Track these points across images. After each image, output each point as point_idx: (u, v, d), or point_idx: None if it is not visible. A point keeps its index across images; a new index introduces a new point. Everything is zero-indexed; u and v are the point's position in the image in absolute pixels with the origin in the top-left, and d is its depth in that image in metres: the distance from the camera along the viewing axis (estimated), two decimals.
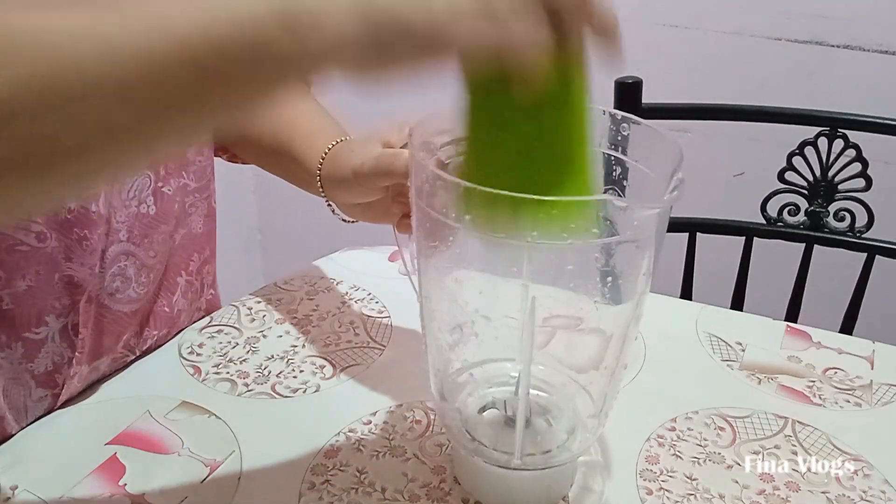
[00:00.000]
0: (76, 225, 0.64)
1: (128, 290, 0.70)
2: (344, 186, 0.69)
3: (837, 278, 1.07)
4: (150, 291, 0.73)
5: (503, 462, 0.55)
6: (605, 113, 0.56)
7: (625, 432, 0.65)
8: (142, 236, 0.70)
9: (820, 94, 1.29)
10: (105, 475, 0.60)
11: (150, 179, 0.70)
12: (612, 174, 0.56)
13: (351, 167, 0.66)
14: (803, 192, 1.02)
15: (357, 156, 0.67)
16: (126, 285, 0.70)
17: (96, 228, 0.65)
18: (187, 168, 0.74)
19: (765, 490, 0.60)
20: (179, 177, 0.73)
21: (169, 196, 0.72)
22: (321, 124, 0.78)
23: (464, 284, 0.54)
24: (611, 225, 0.48)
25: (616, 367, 0.55)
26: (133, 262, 0.70)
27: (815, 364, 0.75)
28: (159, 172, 0.71)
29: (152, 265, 0.72)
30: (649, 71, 1.07)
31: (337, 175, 0.69)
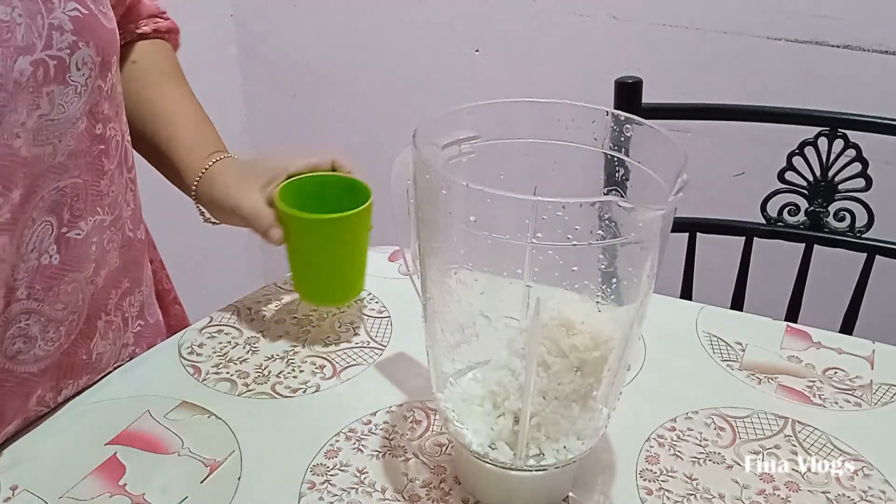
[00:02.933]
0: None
1: (33, 349, 0.64)
2: (215, 207, 0.77)
3: (837, 278, 1.07)
4: (64, 344, 0.67)
5: (504, 462, 0.55)
6: (608, 114, 0.56)
7: (625, 432, 0.65)
8: (45, 290, 0.63)
9: (820, 94, 1.29)
10: (105, 475, 0.60)
11: (52, 226, 0.63)
12: (615, 175, 0.56)
13: (227, 202, 0.75)
14: (803, 192, 1.02)
15: (234, 194, 0.74)
16: (30, 345, 0.64)
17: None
18: (101, 203, 0.67)
19: (765, 490, 0.60)
20: (94, 214, 0.66)
21: (78, 240, 0.65)
22: (201, 134, 0.81)
23: (466, 285, 0.54)
24: (615, 226, 0.48)
25: (619, 368, 0.55)
26: (37, 319, 0.63)
27: (815, 364, 0.75)
28: (62, 216, 0.63)
29: (62, 318, 0.66)
30: (649, 71, 1.07)
31: (210, 197, 0.76)
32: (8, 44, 0.55)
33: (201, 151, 0.78)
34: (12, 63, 0.55)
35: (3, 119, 0.55)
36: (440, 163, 0.55)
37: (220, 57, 1.75)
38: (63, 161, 0.62)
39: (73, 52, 0.60)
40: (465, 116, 0.57)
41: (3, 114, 0.55)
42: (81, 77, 0.61)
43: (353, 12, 1.63)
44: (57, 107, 0.60)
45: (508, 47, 1.52)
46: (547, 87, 1.49)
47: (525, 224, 0.48)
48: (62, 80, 0.59)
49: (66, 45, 0.59)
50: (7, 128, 0.56)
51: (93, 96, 0.63)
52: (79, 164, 0.63)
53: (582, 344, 0.52)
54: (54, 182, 0.62)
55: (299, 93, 1.77)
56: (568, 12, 1.44)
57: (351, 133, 1.74)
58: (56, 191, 0.62)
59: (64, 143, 0.61)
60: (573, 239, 0.48)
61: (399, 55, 1.62)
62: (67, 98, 0.60)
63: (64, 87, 0.60)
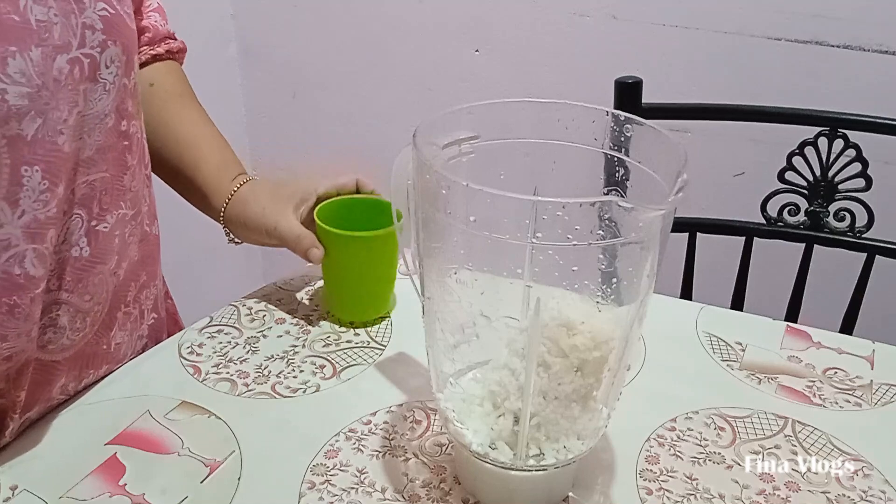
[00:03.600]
0: (2, 295, 0.59)
1: (61, 339, 0.66)
2: (248, 229, 0.80)
3: (837, 278, 1.07)
4: (88, 335, 0.69)
5: (504, 462, 0.55)
6: (608, 114, 0.56)
7: (625, 432, 0.65)
8: (75, 281, 0.65)
9: (820, 94, 1.29)
10: (105, 475, 0.60)
11: (83, 219, 0.64)
12: (615, 175, 0.56)
13: (264, 224, 0.78)
14: (803, 192, 1.02)
15: (270, 216, 0.78)
16: (59, 335, 0.65)
17: (27, 292, 0.60)
18: (124, 197, 0.69)
19: (765, 490, 0.60)
20: (117, 209, 0.68)
21: (105, 233, 0.67)
22: (224, 158, 0.84)
23: (466, 285, 0.54)
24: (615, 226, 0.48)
25: (619, 368, 0.55)
26: (66, 310, 0.65)
27: (815, 364, 0.75)
28: (92, 210, 0.65)
29: (88, 309, 0.67)
30: (649, 71, 1.07)
31: (243, 219, 0.79)
32: (47, 43, 0.57)
33: (226, 175, 0.82)
34: (52, 62, 0.57)
35: (48, 116, 0.58)
36: (440, 163, 0.55)
37: (220, 57, 1.75)
38: (91, 155, 0.64)
39: (103, 51, 0.62)
40: (465, 116, 0.57)
41: (47, 111, 0.57)
42: (110, 75, 0.63)
43: (353, 12, 1.63)
44: (89, 103, 0.62)
45: (508, 47, 1.52)
46: (547, 87, 1.49)
47: (525, 224, 0.48)
48: (94, 77, 0.62)
49: (97, 44, 0.61)
50: (51, 125, 0.58)
51: (119, 94, 0.65)
52: (106, 159, 0.66)
53: (582, 344, 0.52)
54: (84, 176, 0.64)
55: (299, 93, 1.77)
56: (568, 12, 1.44)
57: (351, 133, 1.74)
58: (86, 184, 0.64)
59: (93, 138, 0.63)
60: (573, 239, 0.48)
61: (399, 55, 1.62)
62: (97, 95, 0.62)
63: (95, 84, 0.62)
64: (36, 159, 0.58)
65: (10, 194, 0.57)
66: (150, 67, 0.84)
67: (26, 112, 0.56)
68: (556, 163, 0.59)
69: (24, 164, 0.57)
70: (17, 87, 0.55)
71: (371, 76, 1.67)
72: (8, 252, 0.58)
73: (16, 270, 0.59)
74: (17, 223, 0.58)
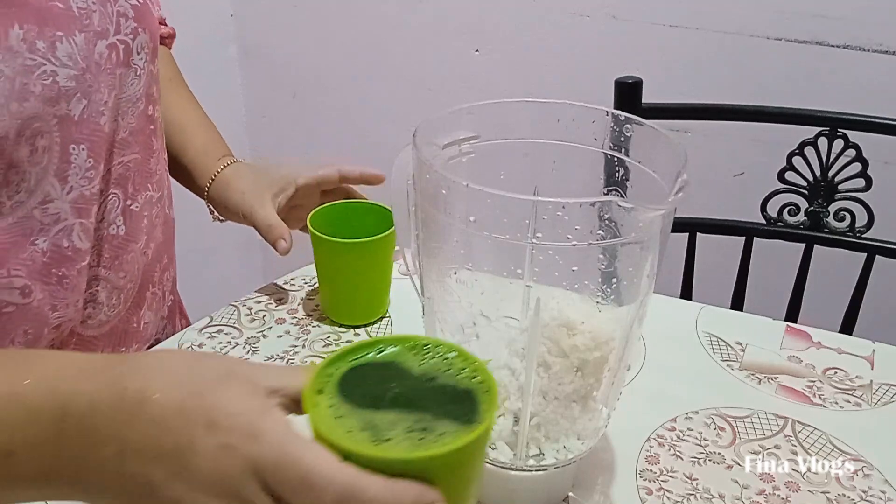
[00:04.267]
0: (52, 266, 0.63)
1: (99, 315, 0.69)
2: (227, 210, 0.81)
3: (837, 278, 1.07)
4: (122, 312, 0.72)
5: (504, 462, 0.55)
6: (608, 114, 0.56)
7: (625, 432, 0.65)
8: (112, 259, 0.69)
9: (820, 94, 1.29)
10: None
11: (119, 199, 0.68)
12: (615, 175, 0.56)
13: (242, 208, 0.79)
14: (803, 192, 1.02)
15: (248, 201, 0.79)
16: (98, 311, 0.69)
17: (74, 264, 0.64)
18: (151, 179, 0.72)
19: (765, 490, 0.60)
20: (145, 190, 0.71)
21: (137, 213, 0.70)
22: (209, 140, 0.86)
23: (466, 285, 0.54)
24: (615, 226, 0.48)
25: (619, 368, 0.55)
26: (104, 286, 0.69)
27: (815, 364, 0.75)
28: (127, 189, 0.69)
29: (122, 286, 0.71)
30: (649, 71, 1.07)
31: (224, 201, 0.81)
32: (88, 29, 0.61)
33: (211, 155, 0.84)
34: (93, 46, 0.61)
35: (91, 98, 0.61)
36: (440, 163, 0.55)
37: (220, 57, 1.75)
38: (125, 137, 0.67)
39: (135, 38, 0.65)
40: (465, 116, 0.57)
41: (91, 93, 0.61)
42: (141, 61, 0.67)
43: (353, 12, 1.63)
44: (124, 87, 0.65)
45: (508, 47, 1.52)
46: (547, 87, 1.49)
47: (525, 224, 0.48)
48: (128, 63, 0.65)
49: (130, 31, 0.65)
50: (94, 106, 0.62)
51: (147, 79, 0.69)
52: (138, 141, 0.69)
53: (583, 344, 0.52)
54: (120, 157, 0.67)
55: (299, 93, 1.77)
56: (568, 12, 1.44)
57: (351, 133, 1.74)
58: (121, 165, 0.67)
59: (126, 121, 0.67)
60: (573, 239, 0.48)
61: (399, 55, 1.62)
62: (130, 80, 0.66)
63: (128, 69, 0.66)
64: (82, 138, 0.61)
65: (60, 171, 0.61)
66: None
67: (74, 93, 0.60)
68: (556, 163, 0.59)
69: (72, 143, 0.61)
70: (66, 70, 0.58)
71: (371, 76, 1.67)
72: (58, 225, 0.62)
73: (64, 243, 0.63)
74: (66, 199, 0.62)
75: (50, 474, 0.39)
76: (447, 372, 0.39)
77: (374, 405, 0.37)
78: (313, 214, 0.77)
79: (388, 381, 0.38)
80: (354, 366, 0.39)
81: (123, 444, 0.37)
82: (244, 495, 0.36)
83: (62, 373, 0.40)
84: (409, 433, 0.36)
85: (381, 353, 0.40)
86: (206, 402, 0.37)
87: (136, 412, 0.37)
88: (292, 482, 0.34)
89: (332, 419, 0.36)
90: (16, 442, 0.39)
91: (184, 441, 0.36)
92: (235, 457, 0.36)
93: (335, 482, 0.34)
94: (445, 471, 0.35)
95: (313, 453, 0.35)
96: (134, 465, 0.37)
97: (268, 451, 0.35)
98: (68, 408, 0.39)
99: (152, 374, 0.39)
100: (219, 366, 0.40)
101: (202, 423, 0.36)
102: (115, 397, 0.38)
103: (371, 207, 0.79)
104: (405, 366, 0.39)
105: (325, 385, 0.38)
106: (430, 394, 0.38)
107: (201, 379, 0.38)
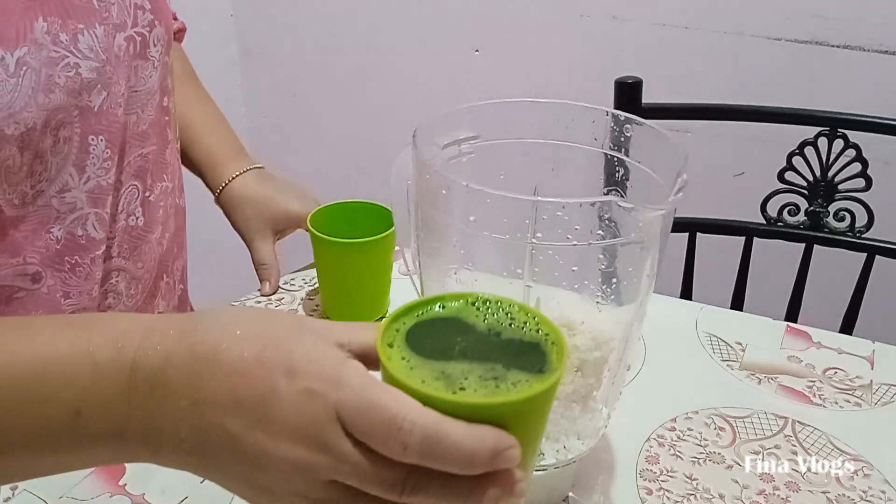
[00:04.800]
0: (66, 254, 0.63)
1: (118, 305, 0.70)
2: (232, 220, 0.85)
3: (837, 278, 1.07)
4: (139, 301, 0.73)
5: None
6: (608, 114, 0.56)
7: (625, 432, 0.65)
8: (131, 249, 0.70)
9: (820, 94, 1.29)
10: (105, 475, 0.60)
11: (139, 190, 0.69)
12: (615, 175, 0.56)
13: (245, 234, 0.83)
14: (803, 192, 1.02)
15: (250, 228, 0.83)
16: (118, 301, 0.70)
17: (88, 252, 0.65)
18: (166, 170, 0.73)
19: (765, 490, 0.60)
20: (161, 181, 0.72)
21: (154, 203, 0.71)
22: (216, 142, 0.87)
23: (466, 285, 0.54)
24: (615, 226, 0.48)
25: (619, 368, 0.55)
26: (124, 276, 0.70)
27: (815, 364, 0.75)
28: (146, 181, 0.70)
29: (140, 276, 0.72)
30: (649, 71, 1.07)
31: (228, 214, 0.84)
32: (108, 21, 0.61)
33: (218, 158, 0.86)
34: (112, 39, 0.62)
35: (111, 90, 0.62)
36: (440, 163, 0.55)
37: (220, 57, 1.75)
38: (145, 129, 0.68)
39: (152, 30, 0.66)
40: (465, 116, 0.57)
41: (110, 85, 0.62)
42: (157, 53, 0.67)
43: (352, 12, 1.63)
44: (140, 80, 0.66)
45: (508, 47, 1.52)
46: (547, 87, 1.49)
47: (525, 224, 0.48)
48: (144, 55, 0.66)
49: (146, 23, 0.66)
50: (113, 98, 0.63)
51: (163, 71, 0.69)
52: (155, 133, 0.70)
53: (583, 344, 0.52)
54: (139, 149, 0.68)
55: (299, 93, 1.77)
56: (568, 12, 1.44)
57: (351, 133, 1.74)
58: (140, 157, 0.68)
59: (146, 113, 0.68)
60: (573, 239, 0.48)
61: (399, 55, 1.62)
62: (147, 72, 0.67)
63: (146, 61, 0.66)
64: (101, 129, 0.62)
65: (79, 161, 0.62)
66: None
67: (94, 85, 0.60)
68: (556, 163, 0.59)
69: (91, 134, 0.62)
70: (88, 62, 0.59)
71: (371, 76, 1.67)
72: (73, 214, 0.63)
73: (79, 232, 0.64)
74: (83, 188, 0.63)
75: (121, 433, 0.38)
76: (511, 326, 0.39)
77: (444, 357, 0.37)
78: (313, 214, 0.77)
79: (454, 335, 0.39)
80: (420, 321, 0.40)
81: (199, 396, 0.37)
82: (327, 441, 0.35)
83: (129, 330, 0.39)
84: (483, 382, 0.36)
85: (444, 309, 0.40)
86: (284, 350, 0.37)
87: (210, 364, 0.37)
88: (377, 427, 0.35)
89: (406, 369, 0.36)
90: (85, 400, 0.38)
91: (264, 389, 0.36)
92: (318, 402, 0.35)
93: (419, 425, 0.34)
94: (520, 418, 0.36)
95: (397, 398, 0.35)
96: (211, 416, 0.37)
97: (351, 396, 0.35)
98: (137, 364, 0.38)
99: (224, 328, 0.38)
100: (288, 318, 0.40)
101: (282, 371, 0.36)
102: (187, 351, 0.38)
103: (371, 207, 0.79)
104: (469, 321, 0.40)
105: (394, 339, 0.38)
106: (498, 346, 0.38)
107: (275, 330, 0.38)
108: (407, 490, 0.35)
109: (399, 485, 0.35)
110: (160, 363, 0.38)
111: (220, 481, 0.39)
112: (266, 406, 0.36)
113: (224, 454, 0.37)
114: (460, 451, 0.34)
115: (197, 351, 0.38)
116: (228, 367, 0.37)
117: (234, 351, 0.37)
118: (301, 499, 0.37)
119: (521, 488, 0.36)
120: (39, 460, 0.40)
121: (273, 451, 0.36)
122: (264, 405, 0.36)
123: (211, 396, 0.37)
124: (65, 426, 0.38)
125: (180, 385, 0.37)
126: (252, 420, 0.36)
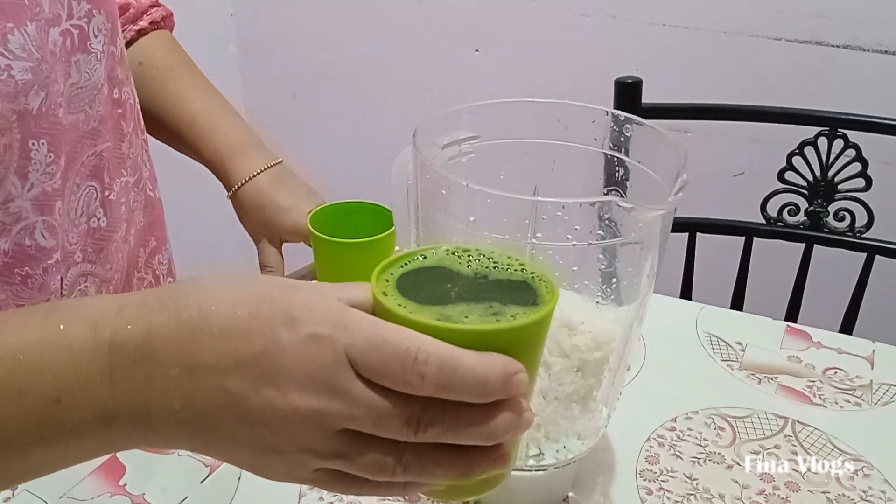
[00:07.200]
0: (15, 266, 0.60)
1: None
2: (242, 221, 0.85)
3: (837, 278, 1.07)
4: None
5: None
6: (608, 114, 0.56)
7: (625, 432, 0.65)
8: (97, 252, 0.67)
9: (820, 94, 1.29)
10: (105, 475, 0.60)
11: (97, 190, 0.66)
12: (615, 175, 0.56)
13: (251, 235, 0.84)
14: (803, 192, 1.02)
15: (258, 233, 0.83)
16: None
17: (39, 262, 0.61)
18: (124, 164, 0.70)
19: (765, 490, 0.60)
20: (119, 176, 0.69)
21: (114, 202, 0.68)
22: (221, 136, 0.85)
23: None
24: (615, 226, 0.48)
25: (619, 368, 0.55)
26: (93, 280, 0.67)
27: (815, 364, 0.75)
28: (104, 180, 0.67)
29: (110, 277, 0.69)
30: (649, 71, 1.07)
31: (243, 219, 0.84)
32: (39, 17, 0.58)
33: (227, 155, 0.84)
34: (46, 35, 0.58)
35: (49, 89, 0.59)
36: (440, 163, 0.55)
37: (220, 57, 1.75)
38: (96, 127, 0.65)
39: (90, 20, 0.63)
40: (465, 116, 0.57)
41: (48, 84, 0.58)
42: (99, 44, 0.64)
43: (353, 12, 1.63)
44: (83, 74, 0.63)
45: (508, 47, 1.52)
46: (547, 87, 1.49)
47: (525, 224, 0.48)
48: (85, 48, 0.62)
49: (83, 14, 0.62)
50: (52, 98, 0.59)
51: (109, 62, 0.66)
52: (107, 129, 0.67)
53: (584, 344, 0.52)
54: (91, 148, 0.65)
55: (299, 93, 1.77)
56: (568, 12, 1.44)
57: (351, 133, 1.74)
58: (95, 156, 0.66)
59: (94, 109, 0.65)
60: (573, 239, 0.48)
61: (399, 55, 1.62)
62: (91, 65, 0.63)
63: (87, 54, 0.63)
64: (42, 132, 0.59)
65: (21, 168, 0.58)
66: (137, 45, 0.83)
67: (31, 86, 0.57)
68: (556, 163, 0.59)
69: (31, 138, 0.58)
70: (21, 63, 0.56)
71: (371, 76, 1.67)
72: (19, 224, 0.60)
73: (27, 242, 0.60)
74: (26, 196, 0.59)
75: (108, 416, 0.36)
76: (496, 268, 0.41)
77: (441, 301, 0.38)
78: (313, 214, 0.77)
79: (443, 281, 0.40)
80: (406, 271, 0.40)
81: (190, 362, 0.35)
82: (339, 385, 0.35)
83: (103, 309, 0.37)
84: (484, 319, 0.37)
85: (427, 259, 0.41)
86: (281, 304, 0.36)
87: (200, 328, 0.35)
88: (392, 361, 0.34)
89: (407, 314, 0.37)
90: (63, 386, 0.36)
91: (265, 343, 0.35)
92: (326, 345, 0.35)
93: (434, 354, 0.34)
94: (522, 346, 0.37)
95: (407, 333, 0.35)
96: (208, 380, 0.35)
97: (360, 337, 0.35)
98: (116, 340, 0.36)
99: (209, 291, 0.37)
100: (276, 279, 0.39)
101: (281, 322, 0.35)
102: (171, 318, 0.36)
103: (371, 207, 0.79)
104: (454, 268, 0.41)
105: (386, 288, 0.39)
106: (489, 287, 0.39)
107: (266, 288, 0.37)
108: (422, 425, 0.35)
109: (415, 420, 0.35)
110: (142, 335, 0.36)
111: (220, 451, 0.38)
112: (270, 359, 0.35)
113: (224, 419, 0.36)
114: (475, 376, 0.34)
115: (183, 317, 0.36)
116: (221, 328, 0.35)
117: (224, 311, 0.36)
118: (309, 455, 0.36)
119: (528, 417, 0.37)
120: (28, 457, 0.38)
121: (281, 403, 0.35)
122: (268, 358, 0.35)
123: (204, 360, 0.35)
124: (46, 416, 0.36)
125: (168, 354, 0.36)
126: (255, 376, 0.35)
